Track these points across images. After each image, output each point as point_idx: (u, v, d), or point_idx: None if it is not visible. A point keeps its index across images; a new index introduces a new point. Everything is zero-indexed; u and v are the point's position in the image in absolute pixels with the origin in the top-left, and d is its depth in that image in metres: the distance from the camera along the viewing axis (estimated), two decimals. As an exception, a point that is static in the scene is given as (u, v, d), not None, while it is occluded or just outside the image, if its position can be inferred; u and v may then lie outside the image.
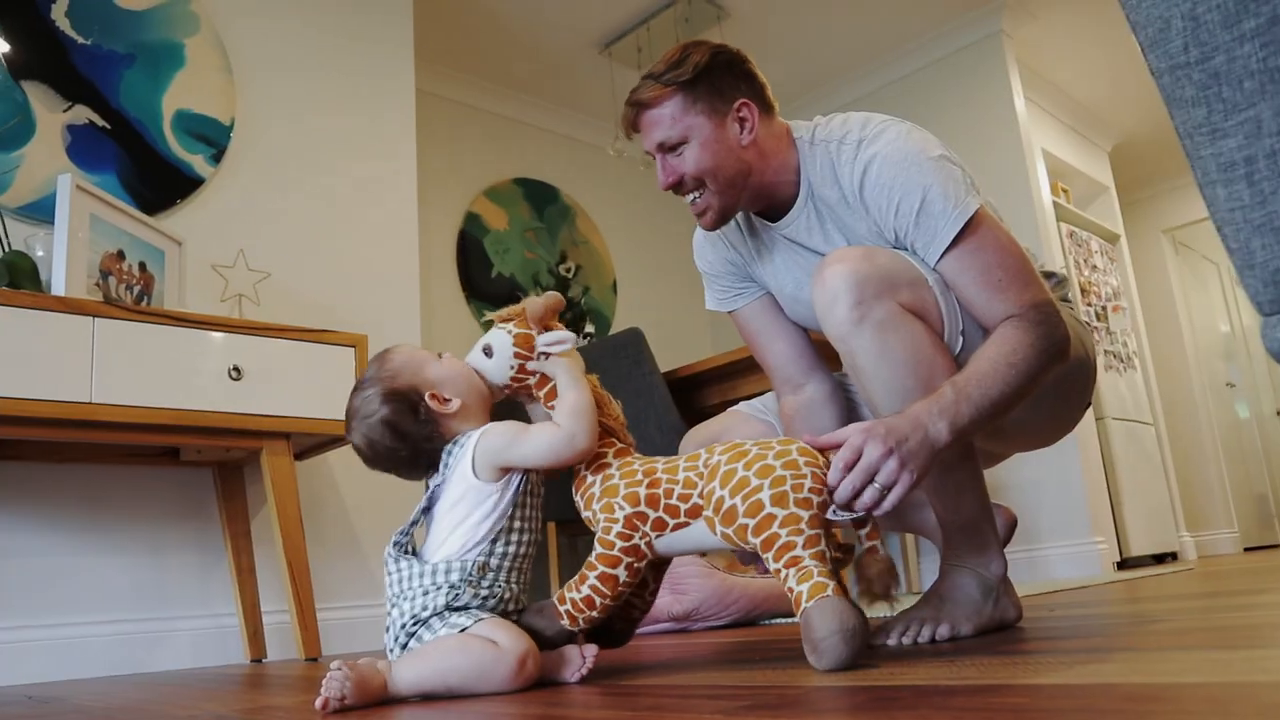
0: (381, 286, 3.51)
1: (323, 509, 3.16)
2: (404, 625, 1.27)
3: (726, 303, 1.79)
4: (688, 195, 1.57)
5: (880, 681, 1.00)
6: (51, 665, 2.58)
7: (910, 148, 1.46)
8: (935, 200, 1.43)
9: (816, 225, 1.59)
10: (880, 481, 1.22)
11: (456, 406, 1.35)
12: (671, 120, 1.52)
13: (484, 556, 1.28)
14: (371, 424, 1.35)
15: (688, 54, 1.53)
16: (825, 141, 1.55)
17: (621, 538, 1.28)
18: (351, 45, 3.65)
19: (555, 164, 5.39)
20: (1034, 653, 1.17)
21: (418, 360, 1.38)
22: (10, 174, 2.75)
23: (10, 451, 2.58)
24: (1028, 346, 1.38)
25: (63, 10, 2.96)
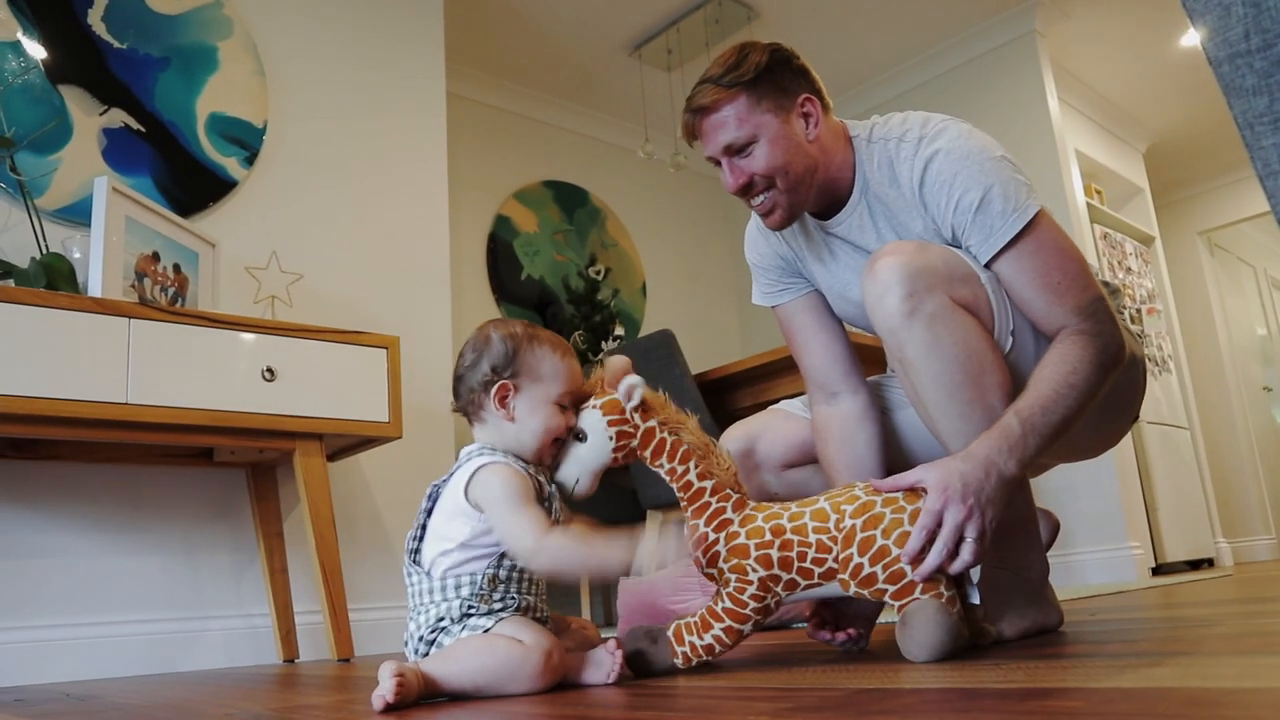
0: (413, 288, 3.52)
1: (354, 510, 3.17)
2: (422, 636, 1.26)
3: (772, 297, 1.78)
4: (756, 196, 1.55)
5: (925, 684, 0.99)
6: (87, 663, 2.60)
7: (972, 146, 1.45)
8: (995, 199, 1.42)
9: (869, 223, 1.57)
10: (969, 538, 1.25)
11: (504, 419, 1.33)
12: (738, 122, 1.50)
13: (492, 569, 1.26)
14: (483, 334, 1.37)
15: (745, 54, 1.51)
16: (884, 139, 1.54)
17: (755, 599, 1.29)
18: (382, 48, 3.67)
19: (585, 166, 5.40)
20: (1082, 656, 1.15)
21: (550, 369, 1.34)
22: (48, 177, 2.78)
23: (48, 452, 2.60)
24: (1087, 364, 1.37)
25: (99, 15, 2.99)
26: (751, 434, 1.76)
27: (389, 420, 2.72)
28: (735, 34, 4.70)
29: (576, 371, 1.37)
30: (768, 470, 1.76)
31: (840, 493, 1.33)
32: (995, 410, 1.37)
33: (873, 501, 1.29)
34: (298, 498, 2.78)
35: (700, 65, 4.94)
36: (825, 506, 1.31)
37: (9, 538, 2.57)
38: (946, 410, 1.39)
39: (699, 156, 2.53)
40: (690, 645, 1.31)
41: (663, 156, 5.03)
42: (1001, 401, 1.38)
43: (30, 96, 2.81)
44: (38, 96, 2.82)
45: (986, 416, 1.36)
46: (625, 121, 5.48)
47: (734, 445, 1.78)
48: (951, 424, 1.39)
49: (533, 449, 1.33)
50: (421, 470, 3.31)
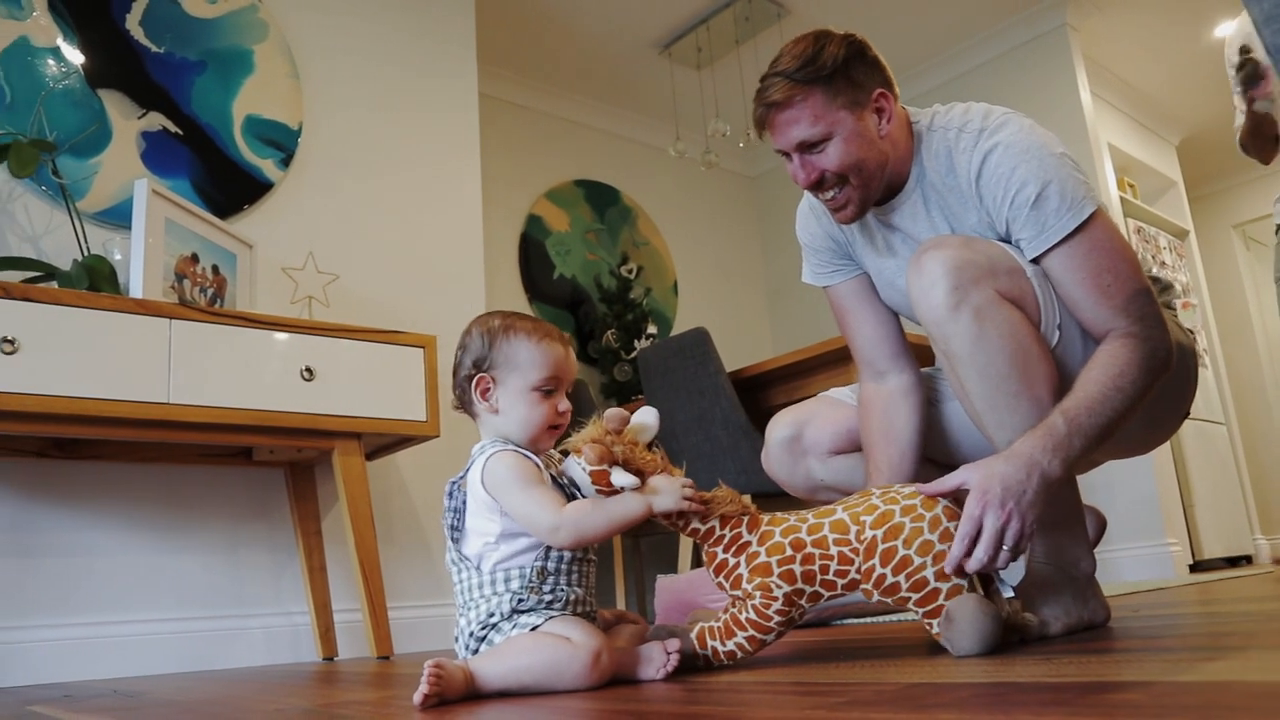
0: (447, 288, 3.53)
1: (392, 509, 3.19)
2: (472, 632, 1.26)
3: (823, 278, 1.77)
4: (827, 191, 1.54)
5: (978, 679, 0.98)
6: (131, 661, 2.63)
7: (1033, 141, 1.44)
8: (1052, 195, 1.41)
9: (923, 212, 1.57)
10: (1007, 544, 1.25)
11: (489, 411, 1.34)
12: (813, 118, 1.48)
13: (540, 561, 1.26)
14: (463, 334, 1.39)
15: (821, 46, 1.49)
16: (944, 129, 1.53)
17: (780, 614, 1.30)
18: (415, 50, 3.69)
19: (616, 165, 5.40)
20: (1134, 651, 1.14)
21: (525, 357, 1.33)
22: (88, 180, 2.82)
23: (91, 451, 2.63)
24: (1135, 366, 1.36)
25: (136, 20, 3.03)
26: (799, 420, 1.77)
27: (426, 419, 2.73)
28: (765, 31, 4.69)
29: (556, 355, 1.35)
30: (814, 456, 1.77)
31: (858, 501, 1.33)
32: (1043, 402, 1.36)
33: (891, 511, 1.29)
34: (336, 496, 2.80)
35: (730, 63, 4.94)
36: (844, 518, 1.31)
37: (54, 537, 2.61)
38: (992, 403, 1.38)
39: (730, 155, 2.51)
40: (712, 650, 1.32)
41: (694, 155, 5.02)
42: (1049, 394, 1.37)
43: (70, 101, 2.84)
44: (78, 101, 2.86)
45: (1034, 409, 1.36)
46: (656, 120, 5.48)
47: (783, 432, 1.79)
48: (997, 416, 1.38)
49: (524, 438, 1.33)
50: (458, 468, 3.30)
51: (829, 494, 1.78)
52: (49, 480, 2.63)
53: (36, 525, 2.59)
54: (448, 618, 3.19)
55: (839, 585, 1.30)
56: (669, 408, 3.45)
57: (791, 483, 1.82)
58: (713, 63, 4.94)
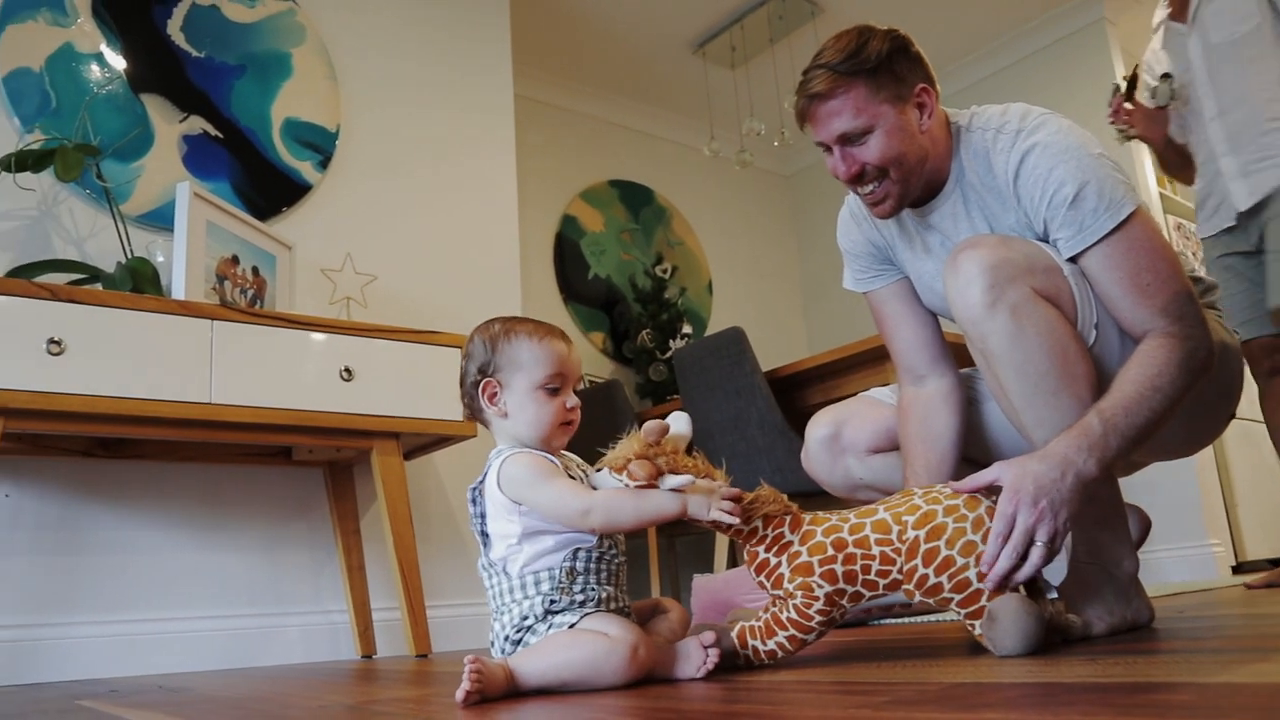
0: (484, 288, 3.55)
1: (429, 508, 3.21)
2: (507, 636, 1.27)
3: (863, 283, 1.77)
4: (867, 185, 1.54)
5: (1023, 679, 0.97)
6: (173, 657, 2.66)
7: (1071, 141, 1.44)
8: (1090, 194, 1.40)
9: (963, 212, 1.56)
10: (1040, 541, 1.24)
11: (498, 415, 1.34)
12: (856, 110, 1.48)
13: (569, 562, 1.26)
14: (466, 343, 1.39)
15: (865, 40, 1.49)
16: (982, 129, 1.53)
17: (821, 614, 1.29)
18: (451, 51, 3.71)
19: (650, 165, 5.40)
20: (1180, 651, 1.13)
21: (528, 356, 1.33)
22: (131, 183, 2.86)
23: (134, 451, 2.67)
24: (1174, 366, 1.34)
25: (178, 25, 3.07)
26: (839, 419, 1.77)
27: (463, 419, 2.74)
28: (799, 29, 4.68)
29: (558, 352, 1.35)
30: (853, 455, 1.77)
31: (899, 501, 1.32)
32: (1083, 400, 1.35)
33: (934, 510, 1.28)
34: (374, 496, 2.82)
35: (765, 62, 4.92)
36: (886, 517, 1.30)
37: (100, 534, 2.65)
38: (1031, 401, 1.37)
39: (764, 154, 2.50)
40: (753, 649, 1.32)
41: (728, 154, 5.01)
42: (1088, 392, 1.36)
43: (114, 106, 2.89)
44: (121, 106, 2.90)
45: (1073, 406, 1.34)
46: (690, 119, 5.48)
47: (822, 430, 1.79)
48: (1035, 414, 1.37)
49: (536, 437, 1.33)
50: (493, 468, 3.33)
51: (868, 493, 1.78)
52: (94, 479, 2.67)
53: (82, 523, 2.63)
54: (485, 616, 3.20)
55: (880, 585, 1.29)
56: (705, 408, 3.45)
57: (830, 481, 1.82)
58: (747, 62, 4.93)
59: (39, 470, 2.60)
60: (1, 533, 2.51)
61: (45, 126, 2.73)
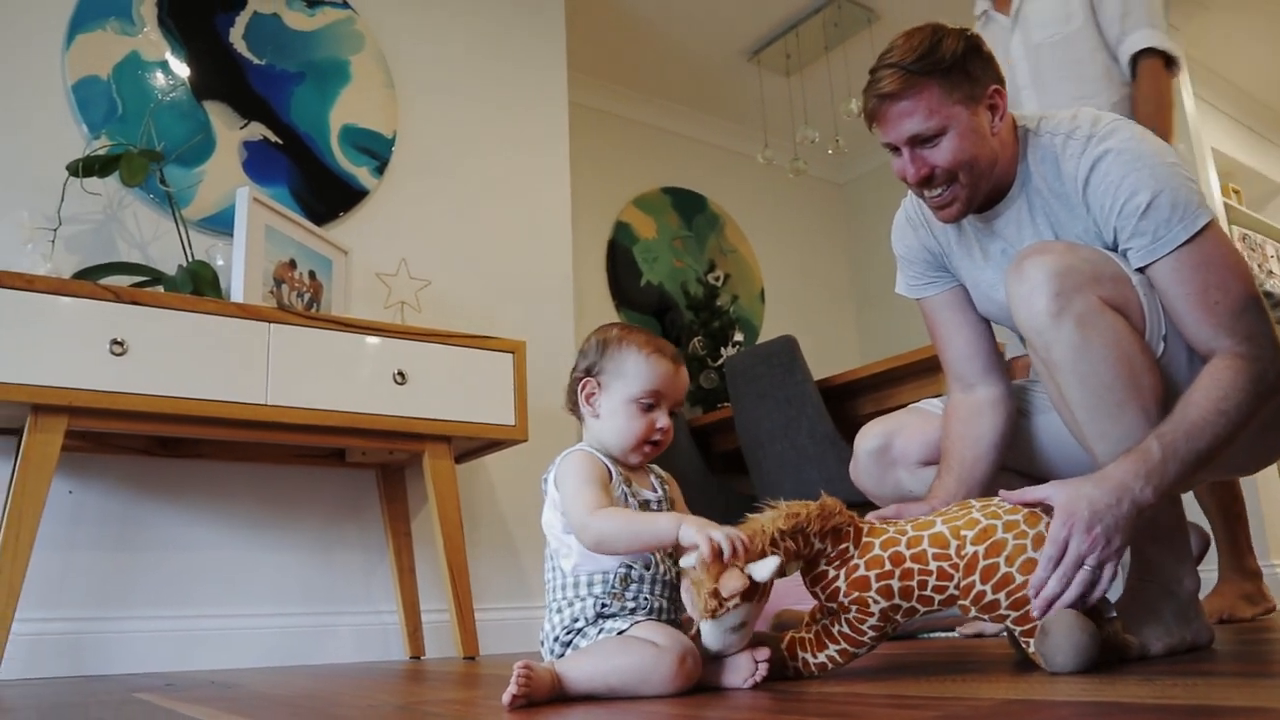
0: (536, 294, 3.57)
1: (479, 512, 3.23)
2: (557, 636, 1.27)
3: (917, 289, 1.75)
4: (936, 188, 1.51)
5: (1076, 697, 0.95)
6: (226, 653, 2.71)
7: (1144, 149, 1.40)
8: (1163, 204, 1.36)
9: (1027, 219, 1.53)
10: (1089, 566, 1.22)
11: (590, 415, 1.37)
12: (928, 112, 1.44)
13: (624, 569, 1.26)
14: (585, 339, 1.42)
15: (939, 38, 1.45)
16: (1051, 134, 1.49)
17: (875, 629, 1.29)
18: (506, 59, 3.74)
19: (703, 172, 5.40)
20: (1242, 675, 1.09)
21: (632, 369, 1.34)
22: (193, 188, 2.91)
23: (192, 450, 2.72)
24: (1240, 391, 1.31)
25: (240, 34, 3.13)
26: (889, 431, 1.75)
27: (515, 423, 2.76)
28: (854, 36, 4.65)
29: (663, 371, 1.35)
30: (903, 467, 1.74)
31: (958, 514, 1.30)
32: (1149, 412, 1.32)
33: (993, 526, 1.26)
34: (425, 499, 2.85)
35: (820, 69, 4.90)
36: (944, 531, 1.28)
37: (158, 531, 2.70)
38: (1094, 413, 1.34)
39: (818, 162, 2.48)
40: (802, 661, 1.30)
41: (782, 162, 4.99)
42: (1154, 404, 1.33)
43: (178, 113, 2.95)
44: (184, 112, 2.96)
45: (1138, 420, 1.31)
46: (744, 127, 5.47)
47: (872, 442, 1.76)
48: (1098, 427, 1.34)
49: (618, 446, 1.35)
50: (544, 473, 3.35)
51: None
52: (153, 477, 2.73)
53: (142, 520, 2.69)
54: (532, 620, 3.22)
55: (936, 601, 1.27)
56: (755, 416, 3.43)
57: (880, 494, 1.79)
58: (802, 69, 4.91)
59: (102, 468, 2.66)
60: (65, 528, 2.57)
61: (112, 133, 2.80)
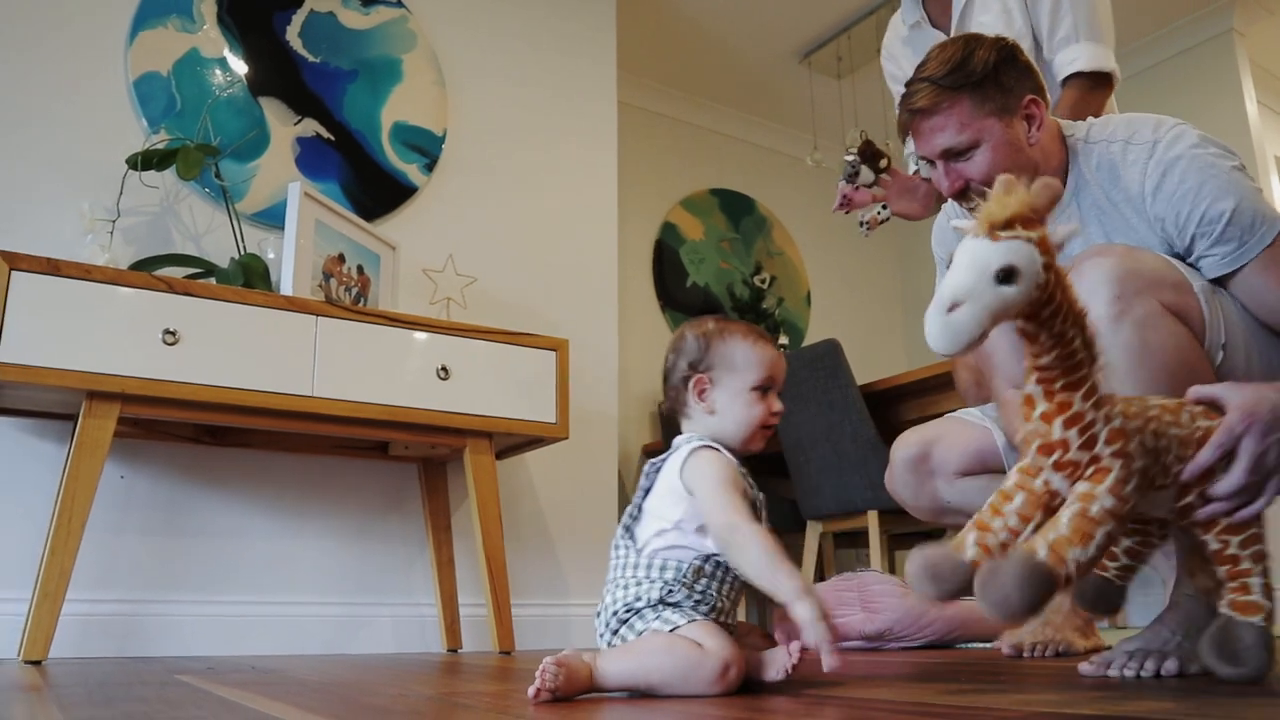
0: (581, 293, 3.59)
1: (519, 508, 3.26)
2: (615, 612, 1.26)
3: None
4: (972, 201, 1.51)
5: (1105, 711, 0.94)
6: (268, 639, 2.76)
7: (1213, 155, 1.40)
8: (1246, 211, 1.37)
9: (1079, 225, 1.52)
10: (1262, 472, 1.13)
11: (705, 411, 1.36)
12: (960, 126, 1.45)
13: (699, 560, 1.26)
14: (679, 334, 1.41)
15: (971, 52, 1.45)
16: (1106, 141, 1.48)
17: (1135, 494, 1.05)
18: (556, 58, 3.76)
19: (752, 175, 5.39)
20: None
21: (742, 358, 1.35)
22: (247, 183, 2.97)
23: (239, 439, 2.77)
24: None
25: (296, 31, 3.18)
26: (927, 439, 1.73)
27: (556, 421, 2.78)
28: (908, 39, 4.61)
29: (771, 356, 1.37)
30: (941, 477, 1.72)
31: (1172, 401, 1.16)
32: None
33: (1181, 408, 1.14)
34: (466, 494, 2.87)
35: (871, 72, 4.87)
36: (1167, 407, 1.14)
37: (205, 518, 2.76)
38: None
39: (869, 164, 2.49)
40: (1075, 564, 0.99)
41: (831, 165, 4.97)
42: None
43: (234, 108, 3.01)
44: (240, 108, 3.02)
45: None
46: (794, 129, 5.45)
47: (909, 451, 1.74)
48: None
49: (738, 438, 1.35)
50: (586, 471, 3.37)
51: (955, 517, 1.73)
52: (201, 465, 2.78)
53: (189, 507, 2.74)
54: (569, 617, 3.23)
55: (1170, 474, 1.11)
56: (797, 419, 3.42)
57: (916, 504, 1.77)
58: (853, 72, 4.88)
59: (152, 454, 2.72)
60: (116, 512, 2.63)
61: (170, 127, 2.86)
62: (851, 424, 3.25)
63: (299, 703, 1.21)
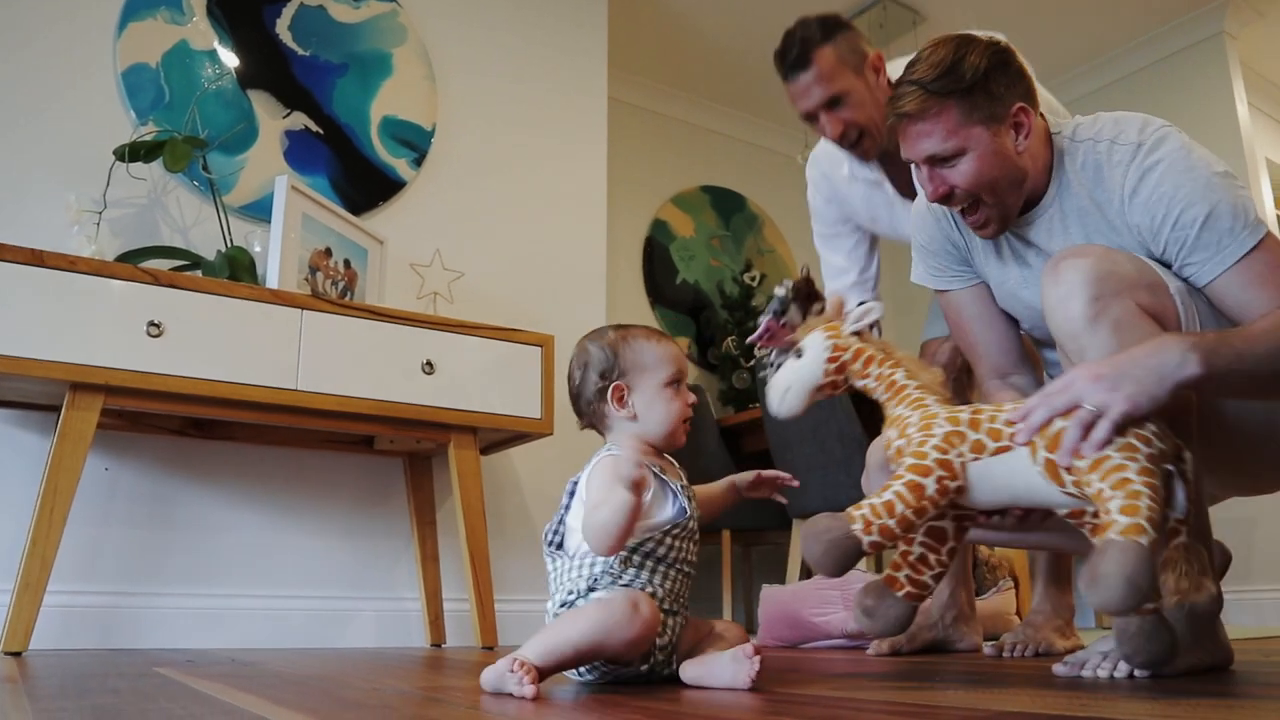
0: (569, 289, 3.59)
1: (504, 504, 3.26)
2: (556, 613, 1.30)
3: (939, 281, 1.73)
4: (957, 206, 1.51)
5: (1075, 712, 0.94)
6: (251, 632, 2.76)
7: (1195, 160, 1.39)
8: (1223, 215, 1.36)
9: (1059, 228, 1.52)
10: (1092, 404, 1.17)
11: (627, 418, 1.37)
12: (946, 133, 1.43)
13: (626, 551, 1.28)
14: (580, 349, 1.43)
15: (961, 56, 1.42)
16: (1092, 140, 1.48)
17: (937, 449, 1.25)
18: (547, 54, 3.76)
19: (743, 172, 5.39)
20: (1253, 698, 1.08)
21: (651, 358, 1.38)
22: (235, 175, 2.97)
23: (224, 432, 2.77)
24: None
25: (286, 25, 3.17)
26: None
27: (541, 417, 2.78)
28: (900, 38, 4.61)
29: (675, 351, 1.41)
30: None
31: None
32: None
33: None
34: (451, 489, 2.88)
35: (863, 71, 4.86)
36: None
37: (189, 511, 2.76)
38: None
39: (856, 164, 2.48)
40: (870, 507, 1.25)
41: (822, 163, 4.96)
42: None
43: (223, 101, 3.00)
44: (229, 101, 3.02)
45: None
46: (785, 127, 5.45)
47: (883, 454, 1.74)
48: None
49: (663, 436, 1.38)
50: (572, 467, 3.33)
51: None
52: (187, 457, 2.78)
53: (174, 499, 2.74)
54: (555, 613, 3.24)
55: (1005, 434, 1.24)
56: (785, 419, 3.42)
57: None
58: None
59: (137, 446, 2.72)
60: (100, 504, 2.63)
61: (158, 119, 2.85)
62: (838, 422, 3.26)
63: (272, 696, 1.21)
